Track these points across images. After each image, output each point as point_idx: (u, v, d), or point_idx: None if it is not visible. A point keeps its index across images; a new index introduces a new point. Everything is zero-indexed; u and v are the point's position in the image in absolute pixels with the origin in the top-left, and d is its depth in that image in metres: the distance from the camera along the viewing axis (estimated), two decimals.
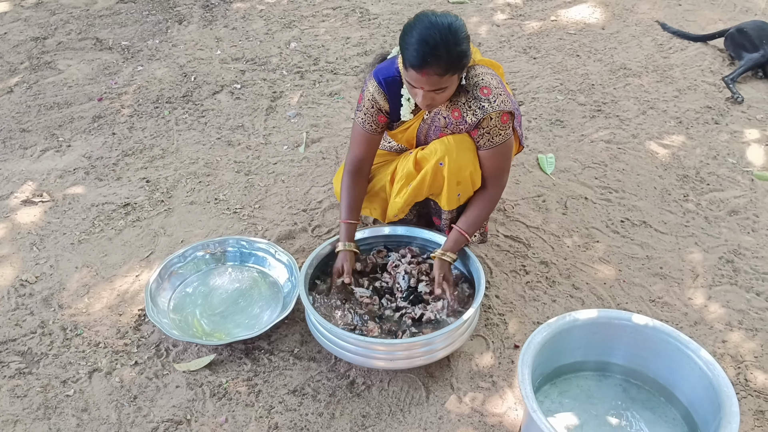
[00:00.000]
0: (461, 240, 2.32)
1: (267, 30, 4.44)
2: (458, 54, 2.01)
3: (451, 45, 1.98)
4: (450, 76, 2.03)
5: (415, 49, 1.98)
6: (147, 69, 4.03)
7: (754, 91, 3.73)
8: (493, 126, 2.20)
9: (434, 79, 2.01)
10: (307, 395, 2.15)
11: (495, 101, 2.17)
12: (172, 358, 2.27)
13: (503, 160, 2.31)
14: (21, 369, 2.24)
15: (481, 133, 2.22)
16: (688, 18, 4.50)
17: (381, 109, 2.33)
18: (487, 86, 2.17)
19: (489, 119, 2.19)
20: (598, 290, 2.52)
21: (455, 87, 2.12)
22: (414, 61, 1.99)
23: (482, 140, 2.24)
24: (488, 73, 2.23)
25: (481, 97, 2.17)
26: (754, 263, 2.63)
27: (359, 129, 2.38)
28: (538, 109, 3.57)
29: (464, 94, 2.19)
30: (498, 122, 2.20)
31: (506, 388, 2.17)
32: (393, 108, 2.32)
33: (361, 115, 2.36)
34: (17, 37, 4.41)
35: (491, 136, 2.22)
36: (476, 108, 2.18)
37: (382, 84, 2.29)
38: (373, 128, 2.36)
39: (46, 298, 2.50)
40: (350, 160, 2.43)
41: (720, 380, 1.79)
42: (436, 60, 1.97)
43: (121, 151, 3.30)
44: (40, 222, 2.86)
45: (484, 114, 2.17)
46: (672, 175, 3.10)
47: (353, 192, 2.41)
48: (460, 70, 2.06)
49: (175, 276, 2.51)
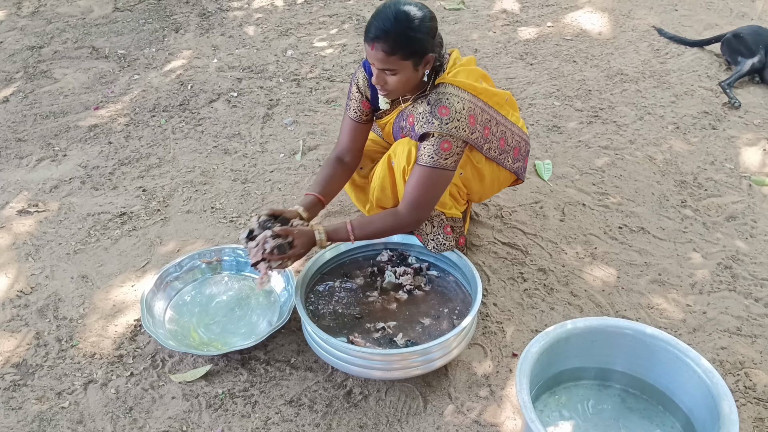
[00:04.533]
0: (343, 233, 2.22)
1: (264, 38, 4.44)
2: (408, 37, 2.06)
3: (403, 26, 2.05)
4: (399, 59, 2.08)
5: (370, 23, 2.09)
6: (143, 78, 4.02)
7: (751, 96, 3.73)
8: (433, 144, 2.16)
9: (381, 55, 2.08)
10: (303, 406, 2.13)
11: (447, 124, 2.14)
12: (168, 369, 2.25)
13: (427, 188, 2.21)
14: (16, 381, 2.22)
15: (424, 145, 2.19)
16: (684, 23, 4.50)
17: (363, 94, 2.39)
18: (448, 107, 2.15)
19: (432, 136, 2.16)
20: (596, 297, 2.50)
21: (411, 76, 2.15)
22: (366, 33, 2.10)
23: (421, 151, 2.20)
24: (458, 96, 2.17)
25: (436, 113, 2.16)
26: (753, 269, 2.62)
27: (346, 118, 2.46)
28: (535, 115, 3.57)
29: (425, 105, 2.20)
30: (438, 144, 2.16)
31: (504, 397, 2.15)
32: (373, 94, 2.38)
33: (349, 103, 2.45)
34: (13, 46, 4.41)
35: (429, 153, 2.17)
36: (426, 122, 2.18)
37: (366, 69, 2.36)
38: (358, 115, 2.42)
39: (42, 308, 2.49)
40: (336, 149, 2.49)
41: (719, 388, 1.78)
42: (385, 35, 2.05)
43: (118, 160, 3.30)
44: (36, 232, 2.85)
45: (430, 129, 2.16)
46: (670, 181, 3.09)
47: (327, 170, 2.44)
48: (412, 56, 2.09)
49: (171, 286, 2.49)
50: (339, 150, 2.48)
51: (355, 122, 2.44)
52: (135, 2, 5.00)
